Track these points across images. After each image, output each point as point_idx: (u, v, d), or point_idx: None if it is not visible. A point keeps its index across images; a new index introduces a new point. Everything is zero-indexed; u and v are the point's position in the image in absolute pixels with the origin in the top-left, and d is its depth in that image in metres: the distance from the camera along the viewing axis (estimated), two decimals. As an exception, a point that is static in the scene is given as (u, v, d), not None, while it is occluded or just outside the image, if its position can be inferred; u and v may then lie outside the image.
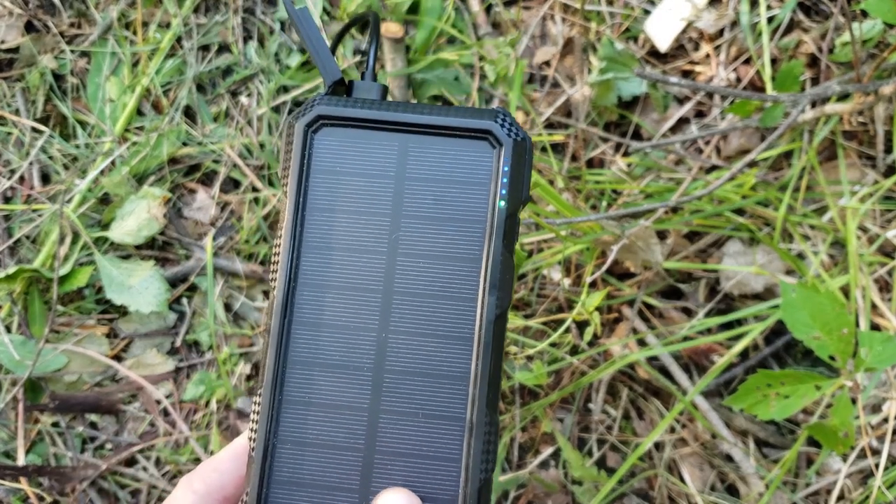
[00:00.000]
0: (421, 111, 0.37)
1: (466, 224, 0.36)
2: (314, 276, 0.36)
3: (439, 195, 0.36)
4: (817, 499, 0.77)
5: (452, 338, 0.35)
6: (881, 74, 0.76)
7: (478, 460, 0.34)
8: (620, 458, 0.81)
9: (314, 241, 0.36)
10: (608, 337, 0.81)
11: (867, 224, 0.78)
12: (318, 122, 0.37)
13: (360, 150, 0.37)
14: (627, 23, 0.86)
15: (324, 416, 0.35)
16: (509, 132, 0.36)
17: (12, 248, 0.88)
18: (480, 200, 0.36)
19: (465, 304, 0.35)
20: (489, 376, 0.35)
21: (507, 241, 0.36)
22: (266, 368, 0.36)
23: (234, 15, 0.89)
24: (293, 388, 0.35)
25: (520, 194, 0.36)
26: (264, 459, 0.35)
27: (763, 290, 0.79)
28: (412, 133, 0.37)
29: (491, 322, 0.35)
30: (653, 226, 0.76)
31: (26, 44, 0.90)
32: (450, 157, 0.36)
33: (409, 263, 0.36)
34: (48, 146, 0.88)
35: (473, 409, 0.35)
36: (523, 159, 0.36)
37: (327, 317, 0.36)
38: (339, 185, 0.36)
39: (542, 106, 0.86)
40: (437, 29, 0.86)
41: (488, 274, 0.35)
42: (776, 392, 0.61)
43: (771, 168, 0.81)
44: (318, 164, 0.37)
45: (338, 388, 0.35)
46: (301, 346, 0.36)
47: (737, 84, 0.84)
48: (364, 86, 0.40)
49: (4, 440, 0.83)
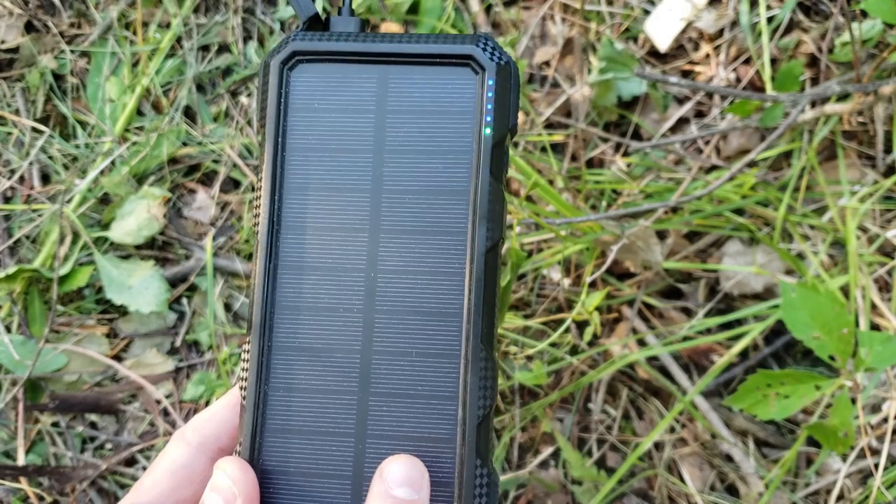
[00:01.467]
0: (399, 40, 0.35)
1: (452, 155, 0.35)
2: (298, 218, 0.35)
3: (423, 127, 0.35)
4: (817, 498, 0.77)
5: (443, 273, 0.34)
6: (881, 74, 0.76)
7: (475, 396, 0.33)
8: (620, 457, 0.81)
9: (296, 182, 0.35)
10: (608, 337, 0.82)
11: (867, 224, 0.79)
12: (294, 58, 0.35)
13: (339, 85, 0.35)
14: (627, 23, 0.86)
15: (315, 360, 0.34)
16: (492, 56, 0.35)
17: (12, 248, 0.88)
18: (465, 129, 0.35)
19: (455, 237, 0.34)
20: (482, 310, 0.34)
21: (495, 171, 0.34)
22: (253, 315, 0.35)
23: (234, 15, 0.89)
24: (282, 334, 0.35)
25: (506, 121, 0.35)
26: (256, 407, 0.34)
27: (763, 290, 0.79)
28: (391, 64, 0.35)
29: (482, 254, 0.34)
30: (652, 226, 0.76)
31: (26, 44, 0.90)
32: (432, 87, 0.35)
33: (395, 200, 0.35)
34: (48, 146, 0.88)
35: (468, 343, 0.33)
36: (508, 84, 0.35)
37: (313, 259, 0.35)
38: (318, 122, 0.35)
39: (542, 106, 0.86)
40: (436, 29, 0.86)
41: (477, 205, 0.34)
42: (776, 392, 0.61)
43: (771, 168, 0.81)
44: (295, 101, 0.35)
45: (328, 331, 0.34)
46: (288, 291, 0.35)
47: (736, 84, 0.84)
48: (341, 21, 0.38)
49: (4, 440, 0.83)
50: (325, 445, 0.34)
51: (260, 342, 0.34)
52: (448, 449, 0.33)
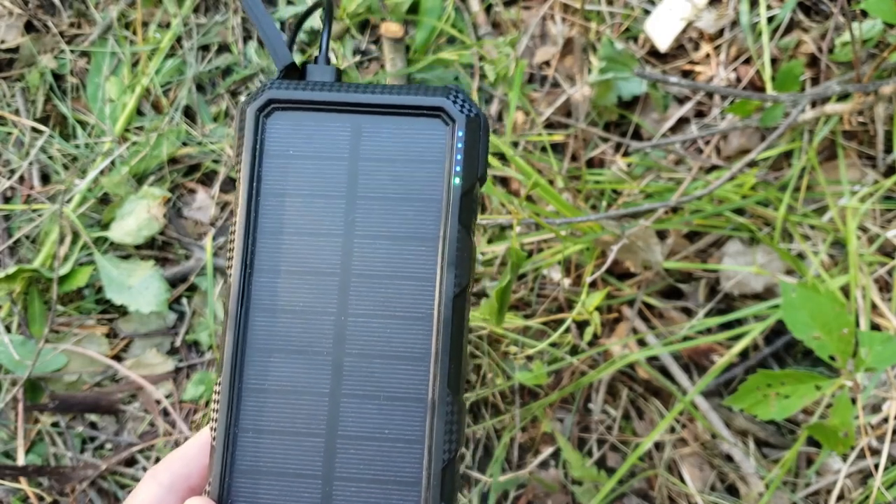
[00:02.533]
0: (373, 91, 0.36)
1: (422, 203, 0.35)
2: (270, 261, 0.36)
3: (394, 174, 0.36)
4: (817, 499, 0.77)
5: (412, 318, 0.35)
6: (881, 74, 0.76)
7: (440, 440, 0.34)
8: (620, 458, 0.81)
9: (269, 225, 0.36)
10: (608, 337, 0.81)
11: (867, 224, 0.78)
12: (270, 105, 0.36)
13: (313, 133, 0.36)
14: (627, 23, 0.86)
15: (284, 402, 0.35)
16: (461, 108, 0.36)
17: (12, 248, 0.88)
18: (435, 178, 0.35)
19: (424, 283, 0.35)
20: (450, 354, 0.34)
21: (463, 219, 0.35)
22: (224, 356, 0.35)
23: (234, 15, 0.89)
24: (253, 376, 0.35)
25: (475, 171, 0.36)
26: (225, 448, 0.35)
27: (763, 290, 0.79)
28: (365, 113, 0.36)
29: (450, 299, 0.34)
30: (653, 226, 0.76)
31: (26, 44, 0.90)
32: (403, 136, 0.36)
33: (366, 245, 0.35)
34: (48, 146, 0.88)
35: (434, 388, 0.34)
36: (477, 135, 0.36)
37: (285, 302, 0.35)
38: (292, 168, 0.36)
39: (542, 106, 0.86)
40: (436, 29, 0.86)
41: (445, 252, 0.35)
42: (776, 392, 0.61)
43: (771, 168, 0.81)
44: (270, 148, 0.36)
45: (298, 373, 0.35)
46: (259, 333, 0.35)
47: (737, 84, 0.84)
48: (317, 69, 0.39)
49: (4, 440, 0.83)
50: (292, 487, 0.35)
51: (231, 383, 0.35)
52: (413, 492, 0.34)
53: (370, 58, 0.89)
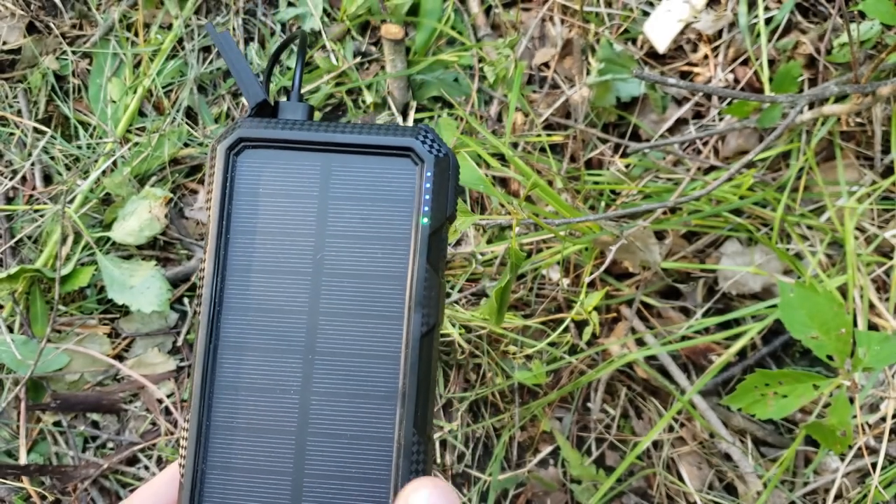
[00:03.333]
0: (343, 130, 0.36)
1: (390, 242, 0.36)
2: (239, 299, 0.36)
3: (363, 213, 0.36)
4: (815, 498, 0.77)
5: (379, 357, 0.35)
6: (879, 75, 0.76)
7: (406, 480, 0.34)
8: (619, 456, 0.81)
9: (238, 263, 0.36)
10: (607, 336, 0.82)
11: (865, 224, 0.79)
12: (240, 144, 0.37)
13: (283, 171, 0.36)
14: (626, 24, 0.86)
15: (252, 440, 0.35)
16: (430, 149, 0.36)
17: (14, 248, 0.88)
18: (404, 218, 0.36)
19: (392, 322, 0.35)
20: (416, 395, 0.35)
21: (431, 258, 0.35)
22: (193, 393, 0.35)
23: (235, 16, 0.90)
24: (221, 413, 0.35)
25: (444, 211, 0.36)
26: (193, 486, 0.35)
27: (761, 290, 0.79)
28: (335, 152, 0.36)
29: (417, 339, 0.35)
30: (651, 226, 0.76)
31: (28, 45, 0.90)
32: (373, 175, 0.36)
33: (333, 283, 0.36)
34: (50, 147, 0.89)
35: (401, 428, 0.34)
36: (446, 175, 0.36)
37: (253, 340, 0.36)
38: (262, 206, 0.36)
39: (542, 107, 0.86)
40: (436, 30, 0.86)
41: (413, 291, 0.35)
42: (774, 391, 0.61)
43: (769, 168, 0.81)
44: (240, 186, 0.36)
45: (265, 412, 0.35)
46: (227, 370, 0.36)
47: (735, 85, 0.84)
48: (290, 106, 0.39)
49: (6, 439, 0.83)
50: None
51: (199, 420, 0.35)
52: None
53: (370, 59, 0.89)
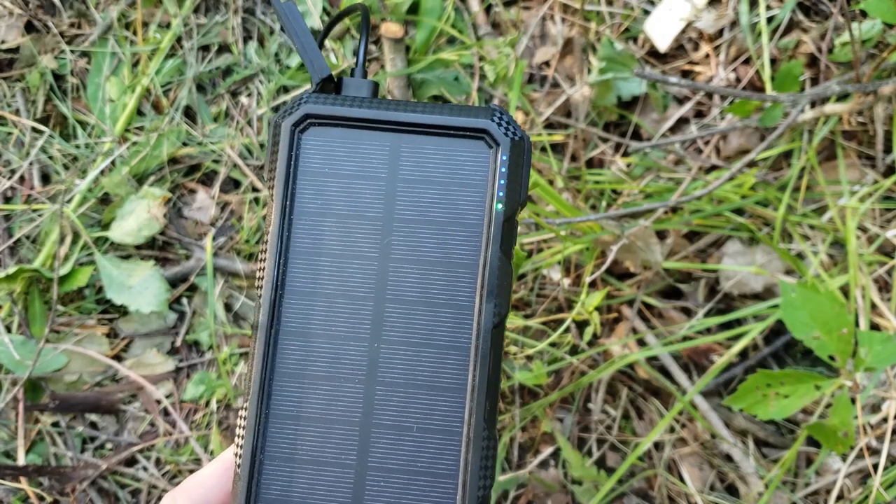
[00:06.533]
0: (413, 109, 0.35)
1: (462, 228, 0.34)
2: (302, 283, 0.34)
3: (433, 197, 0.35)
4: (817, 498, 0.77)
5: (448, 347, 0.34)
6: (880, 74, 0.76)
7: (475, 476, 0.33)
8: (620, 457, 0.81)
9: (302, 246, 0.35)
10: (608, 337, 0.82)
11: (867, 224, 0.79)
12: (306, 121, 0.35)
13: (350, 151, 0.35)
14: (627, 23, 0.86)
15: (313, 431, 0.34)
16: (506, 131, 0.34)
17: (12, 248, 0.88)
18: (477, 203, 0.34)
19: (461, 311, 0.34)
20: (486, 388, 0.33)
21: (504, 246, 0.34)
22: (252, 380, 0.34)
23: (234, 15, 0.89)
24: (281, 402, 0.34)
25: (518, 196, 0.34)
26: (251, 476, 0.33)
27: (762, 290, 0.79)
28: (404, 132, 0.35)
29: (488, 331, 0.33)
30: (652, 226, 0.76)
31: (26, 44, 0.90)
32: (444, 158, 0.35)
33: (401, 269, 0.34)
34: (48, 146, 0.89)
35: (470, 422, 0.33)
36: (521, 159, 0.35)
37: (316, 326, 0.34)
38: (328, 187, 0.35)
39: (542, 106, 0.86)
40: (437, 29, 0.86)
41: (485, 280, 0.33)
42: (776, 392, 0.61)
43: (770, 168, 0.81)
44: (305, 165, 0.35)
45: (328, 401, 0.34)
46: (289, 357, 0.34)
47: (736, 84, 0.84)
48: (354, 83, 0.38)
49: (5, 440, 0.83)
50: None
51: (258, 409, 0.34)
52: None
53: (370, 58, 0.89)
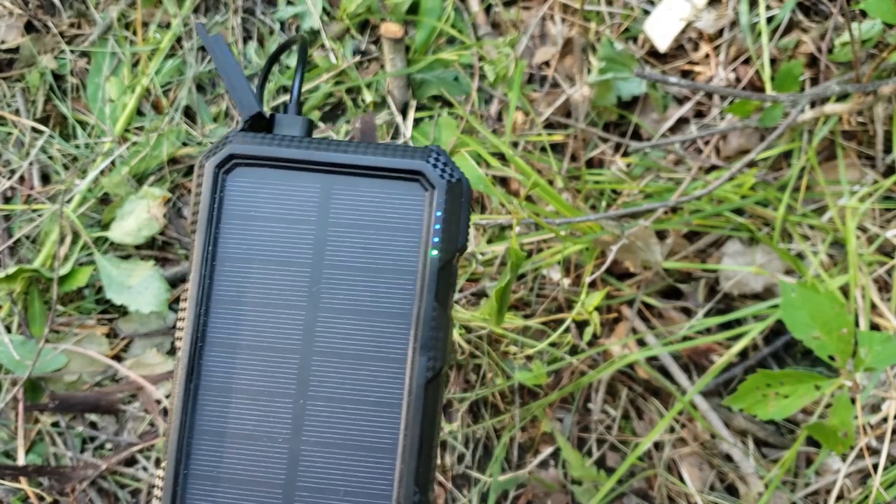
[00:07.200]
0: (346, 149, 0.33)
1: (395, 275, 0.32)
2: (224, 334, 0.32)
3: (365, 243, 0.33)
4: (817, 498, 0.77)
5: (379, 404, 0.32)
6: (880, 74, 0.76)
7: None
8: (620, 457, 0.81)
9: (225, 294, 0.33)
10: (608, 337, 0.82)
11: (867, 224, 0.79)
12: (231, 161, 0.33)
13: (278, 193, 0.33)
14: (627, 23, 0.86)
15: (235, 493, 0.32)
16: (443, 173, 0.33)
17: (12, 248, 0.88)
18: (411, 249, 0.32)
19: (394, 365, 0.32)
20: (419, 448, 0.31)
21: (440, 295, 0.32)
22: (170, 440, 0.32)
23: (234, 15, 0.90)
24: (200, 462, 0.32)
25: (455, 242, 0.32)
26: None
27: (762, 290, 0.79)
28: (336, 174, 0.33)
29: (421, 387, 0.31)
30: (652, 226, 0.76)
31: (26, 44, 0.90)
32: (377, 201, 0.33)
33: (330, 320, 0.32)
34: (48, 146, 0.89)
35: (401, 485, 0.31)
36: (459, 202, 0.33)
37: (239, 381, 0.32)
38: (253, 231, 0.33)
39: (542, 106, 0.86)
40: (436, 29, 0.86)
41: (419, 332, 0.32)
42: (775, 392, 0.61)
43: (770, 168, 0.81)
44: (230, 208, 0.33)
45: (250, 461, 0.32)
46: (209, 415, 0.32)
47: (736, 84, 0.84)
48: (286, 120, 0.36)
49: (4, 440, 0.83)
50: None
51: (176, 469, 0.32)
52: None
53: (370, 58, 0.89)
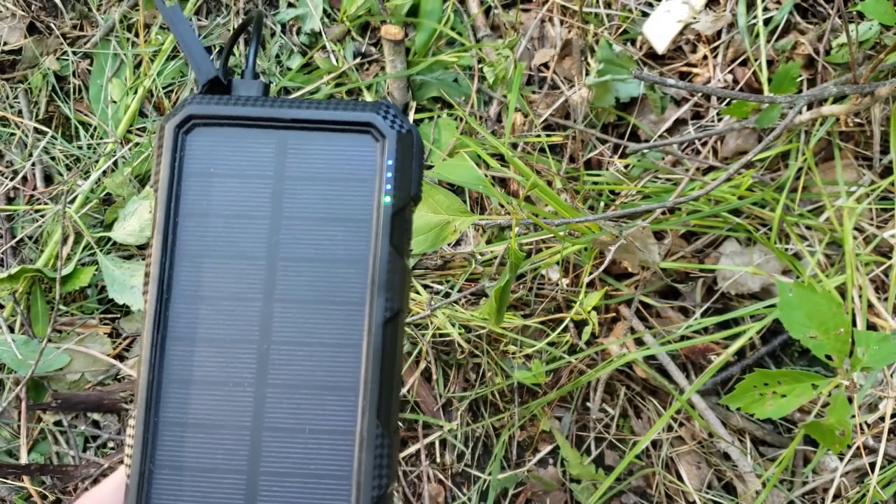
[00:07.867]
0: (300, 105, 0.35)
1: (351, 224, 0.34)
2: (189, 286, 0.33)
3: (321, 194, 0.34)
4: (814, 497, 0.77)
5: (340, 345, 0.33)
6: (878, 76, 0.76)
7: (369, 476, 0.32)
8: (618, 456, 0.81)
9: (188, 248, 0.34)
10: (606, 336, 0.82)
11: (863, 224, 0.79)
12: (190, 122, 0.34)
13: (236, 150, 0.34)
14: (625, 25, 0.86)
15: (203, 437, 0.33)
16: (392, 123, 0.34)
17: (15, 249, 0.88)
18: (365, 197, 0.34)
19: (353, 308, 0.33)
20: (380, 384, 0.32)
21: (394, 240, 0.33)
22: (139, 389, 0.33)
23: (235, 17, 0.90)
24: (170, 409, 0.33)
25: (408, 189, 0.34)
26: (140, 487, 0.32)
27: (760, 290, 0.80)
28: (291, 129, 0.34)
29: (380, 325, 0.33)
30: (650, 226, 0.76)
31: (29, 45, 0.90)
32: (331, 153, 0.34)
33: (290, 268, 0.33)
34: (51, 147, 0.89)
35: (364, 420, 0.32)
36: (410, 152, 0.34)
37: (204, 330, 0.33)
38: (213, 187, 0.34)
39: (541, 107, 0.86)
40: (436, 31, 0.87)
41: (376, 275, 0.33)
42: (773, 391, 0.61)
43: (768, 169, 0.82)
44: (190, 166, 0.34)
45: (217, 406, 0.33)
46: (176, 363, 0.33)
47: (734, 85, 0.84)
48: (244, 83, 0.38)
49: (7, 439, 0.84)
50: None
51: (146, 417, 0.33)
52: None
53: (370, 60, 0.89)
